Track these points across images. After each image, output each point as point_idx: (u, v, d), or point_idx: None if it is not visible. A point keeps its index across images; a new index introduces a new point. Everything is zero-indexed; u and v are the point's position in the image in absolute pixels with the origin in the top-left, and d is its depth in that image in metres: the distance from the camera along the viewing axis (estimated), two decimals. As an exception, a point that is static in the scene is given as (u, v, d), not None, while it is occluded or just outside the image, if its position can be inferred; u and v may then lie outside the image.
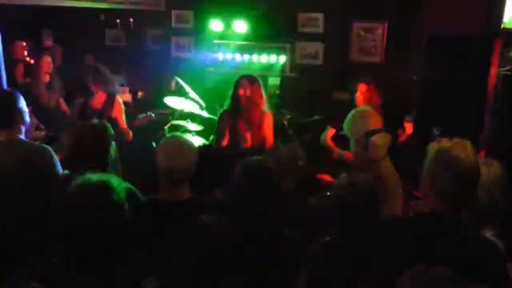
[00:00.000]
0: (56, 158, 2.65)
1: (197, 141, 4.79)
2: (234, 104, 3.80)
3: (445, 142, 1.68)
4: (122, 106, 4.16)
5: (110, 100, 4.07)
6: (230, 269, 1.52)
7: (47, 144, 3.86)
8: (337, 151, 4.39)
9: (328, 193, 3.94)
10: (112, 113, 4.05)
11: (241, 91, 3.73)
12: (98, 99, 4.09)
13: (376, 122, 3.14)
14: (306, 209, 2.57)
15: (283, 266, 1.78)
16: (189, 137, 4.27)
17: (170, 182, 2.11)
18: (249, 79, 3.80)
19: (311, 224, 2.27)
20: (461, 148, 1.65)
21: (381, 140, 2.20)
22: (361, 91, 4.38)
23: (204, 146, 4.33)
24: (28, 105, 4.98)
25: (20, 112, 2.66)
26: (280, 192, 1.93)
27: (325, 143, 4.49)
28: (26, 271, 1.71)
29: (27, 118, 2.73)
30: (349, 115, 3.16)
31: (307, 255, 1.90)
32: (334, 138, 4.48)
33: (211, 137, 4.71)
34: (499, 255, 1.69)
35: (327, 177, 2.33)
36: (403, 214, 2.45)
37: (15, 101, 2.67)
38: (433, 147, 1.71)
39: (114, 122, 3.96)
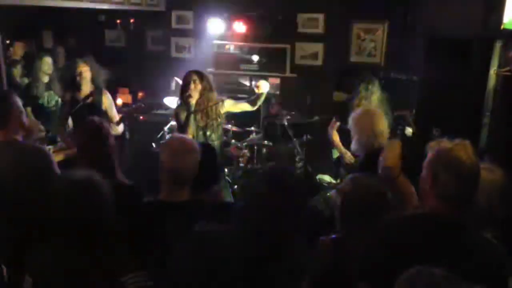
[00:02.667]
0: (53, 159, 2.63)
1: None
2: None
3: (446, 143, 1.69)
4: (110, 98, 4.10)
5: (99, 92, 4.01)
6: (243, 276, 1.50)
7: (47, 144, 3.88)
8: (340, 147, 4.39)
9: (328, 194, 3.95)
10: (101, 106, 4.01)
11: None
12: (86, 92, 4.01)
13: (382, 122, 3.09)
14: (310, 209, 2.56)
15: (289, 270, 1.76)
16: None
17: (174, 182, 2.07)
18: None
19: (312, 226, 2.26)
20: (462, 149, 1.65)
21: (393, 161, 2.18)
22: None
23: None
24: (27, 105, 5.01)
25: (16, 113, 2.61)
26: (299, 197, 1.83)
27: (333, 137, 4.49)
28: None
29: (25, 119, 2.69)
30: (356, 113, 3.09)
31: (311, 256, 1.89)
32: (338, 131, 4.48)
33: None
34: (499, 255, 1.69)
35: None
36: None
37: (10, 101, 2.62)
38: (433, 147, 1.71)
39: (104, 115, 3.92)
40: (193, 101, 3.77)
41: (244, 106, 4.09)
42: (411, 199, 2.10)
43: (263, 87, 4.01)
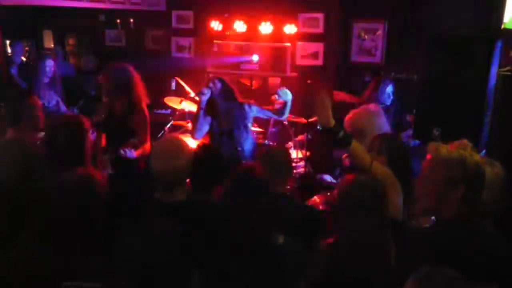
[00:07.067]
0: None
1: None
2: None
3: (463, 151, 1.73)
4: (146, 114, 3.54)
5: (133, 106, 3.53)
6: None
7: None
8: None
9: (329, 194, 3.94)
10: (133, 123, 3.48)
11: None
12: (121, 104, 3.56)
13: (383, 121, 3.08)
14: (307, 211, 2.55)
15: (279, 277, 1.76)
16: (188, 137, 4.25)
17: (162, 184, 2.10)
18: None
19: (312, 226, 2.26)
20: (475, 154, 1.74)
21: (359, 150, 2.22)
22: None
23: (203, 145, 4.33)
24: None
25: (29, 113, 2.76)
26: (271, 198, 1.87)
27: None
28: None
29: (38, 121, 2.80)
30: (353, 113, 3.04)
31: (307, 261, 1.88)
32: None
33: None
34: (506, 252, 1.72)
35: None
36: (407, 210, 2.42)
37: (24, 102, 2.79)
38: (451, 156, 1.72)
39: (135, 133, 3.43)
40: (204, 98, 3.77)
41: (272, 115, 4.13)
42: (391, 181, 2.12)
43: (283, 96, 3.91)
